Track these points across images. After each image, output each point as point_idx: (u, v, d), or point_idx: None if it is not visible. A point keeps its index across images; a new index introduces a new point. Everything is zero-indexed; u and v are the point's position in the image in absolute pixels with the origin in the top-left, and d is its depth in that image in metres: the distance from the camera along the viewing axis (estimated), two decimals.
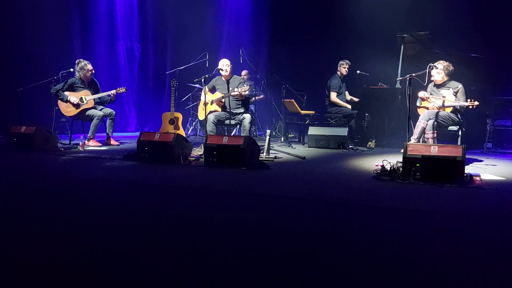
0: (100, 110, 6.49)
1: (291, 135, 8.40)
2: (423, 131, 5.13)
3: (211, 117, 5.81)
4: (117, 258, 1.91)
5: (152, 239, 2.18)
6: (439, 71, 5.28)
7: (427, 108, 5.34)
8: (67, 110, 6.34)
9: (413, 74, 4.71)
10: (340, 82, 7.38)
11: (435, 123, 5.09)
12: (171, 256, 1.94)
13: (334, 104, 7.30)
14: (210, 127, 5.77)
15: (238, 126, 6.49)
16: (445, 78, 5.33)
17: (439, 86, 5.40)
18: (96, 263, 1.84)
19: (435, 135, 5.09)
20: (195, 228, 2.40)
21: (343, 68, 7.43)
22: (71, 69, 6.38)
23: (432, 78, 5.33)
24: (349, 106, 7.26)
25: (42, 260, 1.86)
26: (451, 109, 5.24)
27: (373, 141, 6.53)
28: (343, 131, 6.53)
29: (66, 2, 8.21)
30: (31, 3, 7.77)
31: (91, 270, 1.77)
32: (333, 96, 7.28)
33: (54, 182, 3.73)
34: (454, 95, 5.28)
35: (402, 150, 3.95)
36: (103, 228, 2.37)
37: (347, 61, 7.51)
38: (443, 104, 5.20)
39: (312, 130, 6.73)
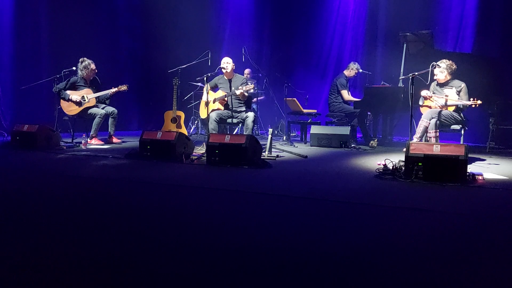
0: (102, 108, 6.51)
1: (293, 134, 8.39)
2: (425, 130, 5.12)
3: (213, 116, 5.81)
4: (117, 256, 1.92)
5: (154, 238, 2.18)
6: (442, 70, 5.26)
7: (430, 107, 5.32)
8: (69, 109, 6.35)
9: (416, 73, 4.69)
10: (346, 81, 7.38)
11: (438, 122, 5.08)
12: (172, 255, 1.94)
13: (345, 103, 7.30)
14: (212, 125, 5.77)
15: (240, 125, 6.49)
16: (448, 77, 5.32)
17: (442, 85, 5.38)
18: (96, 262, 1.84)
19: (438, 134, 5.08)
20: (196, 227, 2.40)
21: (352, 70, 7.41)
22: (74, 68, 6.38)
23: (435, 77, 5.31)
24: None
25: (42, 259, 1.86)
26: (453, 108, 5.22)
27: (376, 140, 6.52)
28: (345, 130, 6.52)
29: (67, 0, 8.21)
30: (32, 2, 7.79)
31: (90, 269, 1.77)
32: (346, 94, 7.29)
33: (56, 180, 3.74)
34: (457, 94, 5.27)
35: (405, 149, 3.94)
36: (104, 226, 2.38)
37: (358, 65, 7.47)
38: (445, 103, 5.18)
39: (314, 129, 6.73)
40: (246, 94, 5.85)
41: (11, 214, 2.59)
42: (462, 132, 5.29)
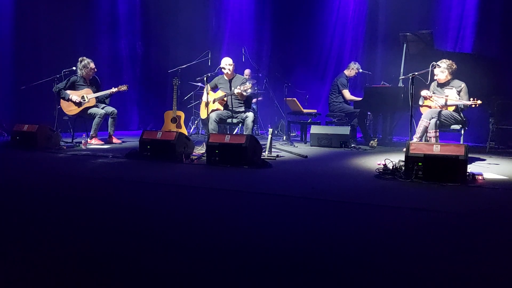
0: (102, 108, 6.51)
1: (293, 134, 8.40)
2: (425, 130, 5.12)
3: (213, 116, 5.81)
4: (117, 256, 1.92)
5: (153, 238, 2.18)
6: (442, 69, 5.26)
7: (430, 107, 5.33)
8: (69, 109, 6.35)
9: (416, 73, 4.69)
10: (347, 81, 7.39)
11: (438, 122, 5.08)
12: (172, 255, 1.94)
13: (346, 102, 7.32)
14: (212, 125, 5.77)
15: (240, 125, 6.49)
16: (449, 77, 5.32)
17: (442, 85, 5.39)
18: (95, 262, 1.84)
19: (438, 134, 5.08)
20: (196, 227, 2.40)
21: (353, 70, 7.42)
22: (74, 67, 6.38)
23: (435, 77, 5.32)
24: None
25: (42, 258, 1.86)
26: (453, 108, 5.22)
27: (376, 140, 6.52)
28: (345, 130, 6.52)
29: (67, 0, 8.21)
30: (32, 2, 7.79)
31: (89, 268, 1.77)
32: (347, 93, 7.31)
33: (56, 180, 3.74)
34: (457, 94, 5.26)
35: (405, 149, 3.94)
36: (104, 226, 2.38)
37: (358, 65, 7.49)
38: (445, 103, 5.18)
39: (314, 129, 6.73)
40: (244, 93, 5.85)
41: (11, 214, 2.59)
42: (462, 132, 5.29)
